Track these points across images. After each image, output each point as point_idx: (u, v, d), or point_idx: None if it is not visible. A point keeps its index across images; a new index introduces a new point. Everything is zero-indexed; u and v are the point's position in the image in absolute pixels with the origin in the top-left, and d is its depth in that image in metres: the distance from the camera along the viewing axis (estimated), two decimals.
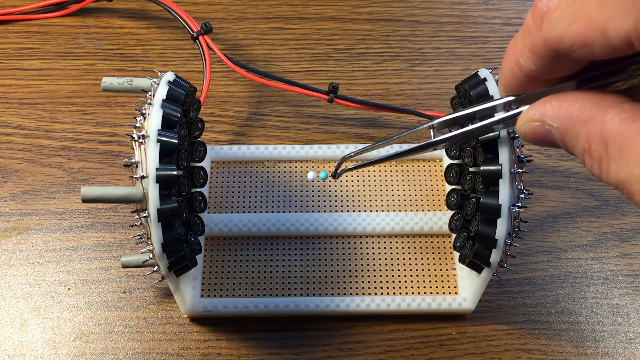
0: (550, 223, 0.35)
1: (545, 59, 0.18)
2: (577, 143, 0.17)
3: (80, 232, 0.34)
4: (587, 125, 0.17)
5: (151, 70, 0.39)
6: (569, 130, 0.17)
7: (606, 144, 0.16)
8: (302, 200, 0.34)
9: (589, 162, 0.17)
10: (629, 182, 0.16)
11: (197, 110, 0.29)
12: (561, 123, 0.18)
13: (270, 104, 0.39)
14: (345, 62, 0.41)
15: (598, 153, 0.17)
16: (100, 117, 0.38)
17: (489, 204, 0.25)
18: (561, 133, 0.18)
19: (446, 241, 0.33)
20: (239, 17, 0.43)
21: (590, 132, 0.17)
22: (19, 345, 0.31)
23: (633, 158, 0.16)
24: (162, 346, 0.31)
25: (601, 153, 0.17)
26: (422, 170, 0.35)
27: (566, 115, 0.18)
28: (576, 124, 0.17)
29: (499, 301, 0.32)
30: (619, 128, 0.16)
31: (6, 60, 0.40)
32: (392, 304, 0.31)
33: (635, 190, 0.16)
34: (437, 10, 0.43)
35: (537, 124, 0.18)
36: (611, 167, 0.16)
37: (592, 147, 0.17)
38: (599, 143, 0.17)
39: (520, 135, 0.20)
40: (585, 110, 0.17)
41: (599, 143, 0.17)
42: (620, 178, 0.16)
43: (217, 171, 0.35)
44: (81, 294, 0.32)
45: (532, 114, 0.19)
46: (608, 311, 0.32)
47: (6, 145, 0.37)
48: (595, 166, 0.17)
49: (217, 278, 0.32)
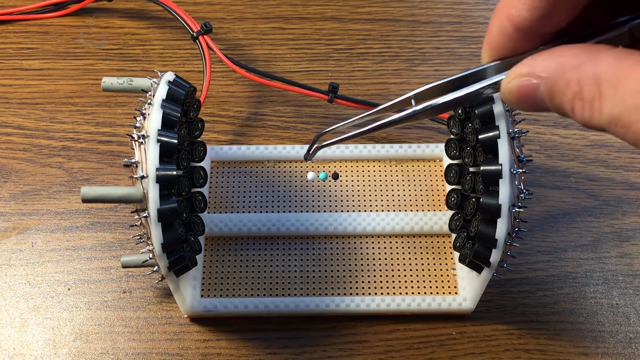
0: (550, 223, 0.35)
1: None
2: (567, 90, 0.17)
3: (80, 232, 0.34)
4: (580, 69, 0.17)
5: (151, 70, 0.39)
6: (560, 78, 0.17)
7: (599, 82, 0.16)
8: (302, 200, 0.34)
9: (579, 107, 0.17)
10: (625, 114, 0.16)
11: (197, 110, 0.29)
12: (551, 72, 0.17)
13: (270, 104, 0.39)
14: (345, 62, 0.41)
15: (590, 94, 0.16)
16: (100, 117, 0.38)
17: (489, 204, 0.25)
18: (550, 83, 0.18)
19: (446, 241, 0.33)
20: (239, 17, 0.43)
21: (583, 73, 0.17)
22: (19, 345, 0.31)
23: (628, 90, 0.16)
24: (162, 346, 0.31)
25: (594, 93, 0.16)
26: (422, 170, 0.35)
27: (557, 63, 0.17)
28: (567, 70, 0.17)
29: (499, 301, 0.32)
30: (612, 65, 0.16)
31: (6, 60, 0.40)
32: (392, 304, 0.31)
33: (632, 121, 0.16)
34: (437, 10, 0.43)
35: (525, 79, 0.18)
36: (604, 105, 0.16)
37: (584, 89, 0.17)
38: (592, 83, 0.16)
39: (504, 96, 0.19)
40: (577, 56, 0.17)
41: (591, 84, 0.16)
42: (615, 113, 0.16)
43: (217, 171, 0.35)
44: (81, 294, 0.32)
45: (521, 69, 0.18)
46: (608, 311, 0.32)
47: (6, 145, 0.37)
48: (586, 109, 0.17)
49: (217, 278, 0.32)
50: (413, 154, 0.35)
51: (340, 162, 0.35)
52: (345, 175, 0.35)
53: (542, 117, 0.38)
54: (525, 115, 0.29)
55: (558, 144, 0.37)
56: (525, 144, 0.36)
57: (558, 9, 0.18)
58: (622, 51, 0.16)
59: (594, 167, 0.36)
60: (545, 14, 0.18)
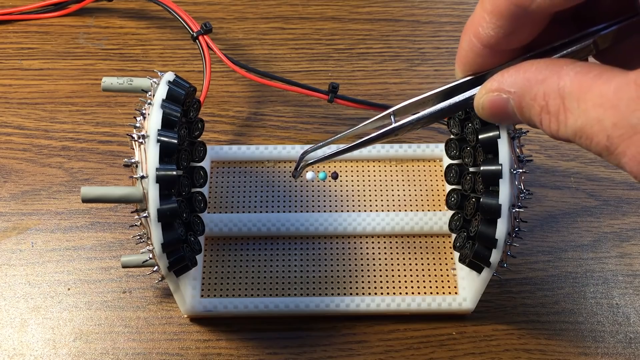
0: (550, 223, 0.35)
1: (504, 18, 0.18)
2: (534, 103, 0.18)
3: (80, 232, 0.34)
4: (544, 83, 0.17)
5: (151, 70, 0.39)
6: (527, 93, 0.18)
7: (563, 97, 0.17)
8: (302, 200, 0.34)
9: (546, 120, 0.17)
10: (587, 126, 0.16)
11: (197, 110, 0.29)
12: (519, 87, 0.18)
13: (270, 104, 0.39)
14: (345, 62, 0.41)
15: (555, 107, 0.17)
16: (100, 117, 0.38)
17: (489, 204, 0.25)
18: (519, 97, 0.18)
19: (446, 241, 0.33)
20: (239, 17, 0.43)
21: (547, 88, 0.17)
22: (19, 345, 0.31)
23: (590, 103, 0.16)
24: (162, 346, 0.31)
25: (558, 107, 0.17)
26: (422, 170, 0.35)
27: (523, 79, 0.18)
28: (533, 85, 0.18)
29: (499, 301, 0.32)
30: (574, 79, 0.17)
31: (6, 60, 0.40)
32: (392, 304, 0.31)
33: (594, 132, 0.16)
34: (437, 10, 0.43)
35: (495, 94, 0.19)
36: (569, 118, 0.17)
37: (549, 102, 0.17)
38: (556, 97, 0.17)
39: (477, 110, 0.20)
40: (541, 71, 0.18)
41: (555, 97, 0.17)
42: (579, 125, 0.16)
43: (217, 171, 0.35)
44: (81, 294, 0.32)
45: (490, 84, 0.19)
46: (608, 311, 0.32)
47: (6, 145, 0.37)
48: (552, 122, 0.17)
49: (217, 278, 0.32)
50: (413, 154, 0.35)
51: (340, 162, 0.35)
52: (345, 175, 0.35)
53: None
54: None
55: (558, 144, 0.37)
56: (525, 144, 0.36)
57: (522, 27, 0.19)
58: (583, 65, 0.17)
59: (594, 167, 0.36)
60: (510, 31, 0.19)
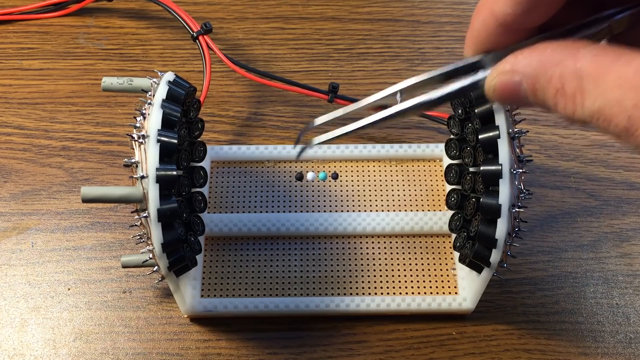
0: (550, 223, 0.35)
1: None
2: (549, 85, 0.17)
3: (80, 232, 0.34)
4: (560, 65, 0.17)
5: (151, 70, 0.39)
6: (541, 75, 0.18)
7: (581, 78, 0.17)
8: (302, 200, 0.34)
9: (562, 103, 0.17)
10: (606, 108, 0.16)
11: (197, 110, 0.29)
12: (533, 69, 0.18)
13: (270, 104, 0.39)
14: (345, 62, 0.41)
15: (572, 89, 0.17)
16: (100, 117, 0.38)
17: (489, 204, 0.25)
18: (533, 80, 0.18)
19: (446, 241, 0.33)
20: (239, 17, 0.43)
21: (564, 70, 0.17)
22: (19, 345, 0.31)
23: (609, 85, 0.16)
24: (162, 346, 0.31)
25: (575, 88, 0.17)
26: (422, 170, 0.35)
27: (538, 61, 0.18)
28: (548, 67, 0.17)
29: (499, 301, 0.32)
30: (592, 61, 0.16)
31: (6, 60, 0.40)
32: (392, 304, 0.31)
33: (613, 114, 0.16)
34: (437, 10, 0.43)
35: (507, 77, 0.19)
36: (586, 99, 0.16)
37: (565, 85, 0.17)
38: (573, 79, 0.17)
39: (488, 93, 0.20)
40: (557, 53, 0.17)
41: (572, 79, 0.17)
42: (597, 107, 0.16)
43: (217, 171, 0.35)
44: (81, 294, 0.32)
45: (503, 66, 0.19)
46: (608, 311, 0.32)
47: (6, 145, 0.37)
48: (569, 104, 0.17)
49: (217, 278, 0.32)
50: (413, 154, 0.35)
51: (340, 162, 0.35)
52: (345, 175, 0.35)
53: (542, 117, 0.38)
54: (525, 115, 0.29)
55: (558, 144, 0.37)
56: (525, 144, 0.36)
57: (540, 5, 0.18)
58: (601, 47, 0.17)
59: (594, 167, 0.36)
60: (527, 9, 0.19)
